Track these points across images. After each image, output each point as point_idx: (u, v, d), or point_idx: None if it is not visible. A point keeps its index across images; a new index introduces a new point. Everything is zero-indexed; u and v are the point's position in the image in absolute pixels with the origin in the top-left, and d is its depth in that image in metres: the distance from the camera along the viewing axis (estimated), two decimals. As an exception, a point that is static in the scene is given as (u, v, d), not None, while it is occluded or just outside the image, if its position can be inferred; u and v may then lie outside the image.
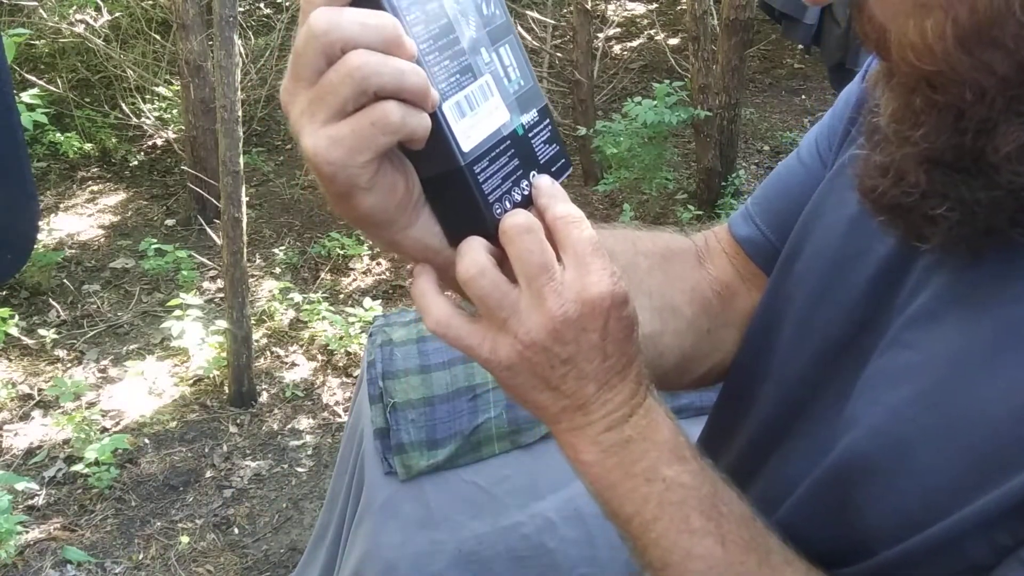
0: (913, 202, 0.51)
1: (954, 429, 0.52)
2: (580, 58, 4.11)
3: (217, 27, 2.56)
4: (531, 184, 0.54)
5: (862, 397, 0.59)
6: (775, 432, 0.68)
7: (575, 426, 0.55)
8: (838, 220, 0.67)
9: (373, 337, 1.75)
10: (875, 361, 0.59)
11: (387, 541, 1.58)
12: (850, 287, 0.63)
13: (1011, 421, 0.49)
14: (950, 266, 0.56)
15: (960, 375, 0.53)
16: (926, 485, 0.52)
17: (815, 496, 0.61)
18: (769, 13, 3.97)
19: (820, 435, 0.62)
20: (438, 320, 0.53)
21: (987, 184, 0.48)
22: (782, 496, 0.64)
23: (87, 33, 4.15)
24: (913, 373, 0.55)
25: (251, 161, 4.43)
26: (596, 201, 4.13)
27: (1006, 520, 0.49)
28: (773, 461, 0.68)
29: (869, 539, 0.56)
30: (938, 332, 0.55)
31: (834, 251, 0.66)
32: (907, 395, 0.55)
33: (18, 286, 3.48)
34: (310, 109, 0.46)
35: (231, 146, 2.62)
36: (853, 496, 0.57)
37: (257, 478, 2.62)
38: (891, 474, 0.54)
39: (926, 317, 0.57)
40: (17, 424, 2.82)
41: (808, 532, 0.60)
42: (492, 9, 0.54)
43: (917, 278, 0.59)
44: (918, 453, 0.53)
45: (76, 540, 2.39)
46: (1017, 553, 0.49)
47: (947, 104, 0.47)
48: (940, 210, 0.50)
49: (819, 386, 0.65)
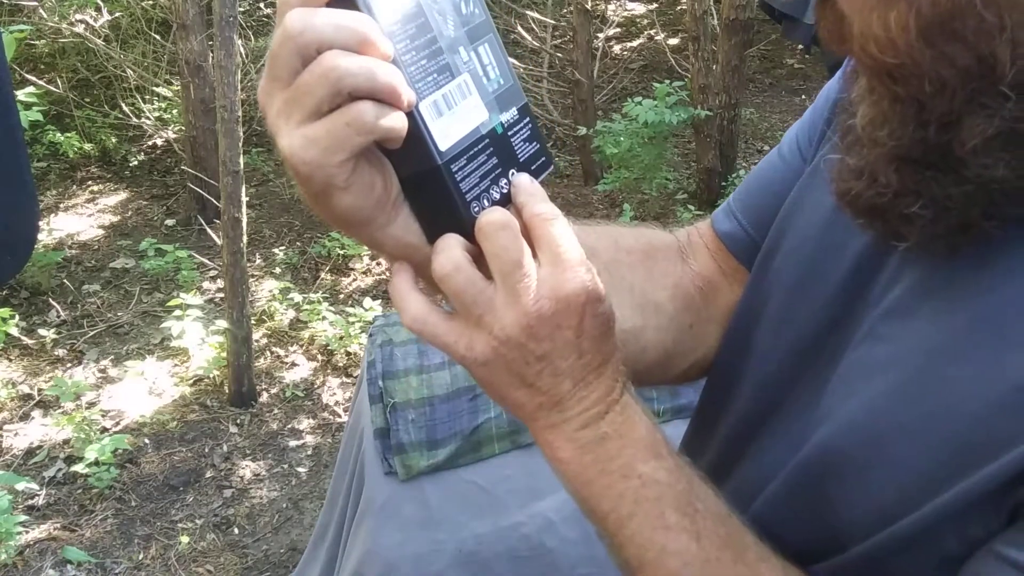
0: (887, 202, 0.52)
1: (928, 422, 0.52)
2: (580, 58, 4.11)
3: (217, 27, 2.56)
4: (510, 182, 0.55)
5: (836, 391, 0.59)
6: (752, 427, 0.69)
7: (551, 423, 0.55)
8: (815, 216, 0.68)
9: (373, 337, 1.75)
10: (849, 355, 0.60)
11: (387, 541, 1.58)
12: (825, 283, 0.64)
13: (985, 413, 0.50)
14: (924, 260, 0.56)
15: (934, 368, 0.53)
16: (900, 477, 0.53)
17: (789, 490, 0.61)
18: (769, 13, 3.97)
19: (794, 429, 0.63)
20: (414, 317, 0.53)
21: (957, 179, 0.49)
22: (757, 490, 0.64)
23: (87, 33, 4.15)
24: (888, 366, 0.56)
25: (251, 161, 4.43)
26: (596, 201, 4.13)
27: (978, 511, 0.49)
28: (749, 455, 0.69)
29: (841, 534, 0.56)
30: (912, 325, 0.56)
31: (811, 247, 0.67)
32: (882, 388, 0.55)
33: (18, 286, 3.48)
34: (286, 109, 0.47)
35: (231, 146, 2.62)
36: (826, 489, 0.57)
37: (257, 478, 2.62)
38: (865, 466, 0.55)
39: (901, 311, 0.57)
40: (17, 424, 2.82)
41: (782, 527, 0.60)
42: (471, 8, 0.54)
43: (891, 272, 0.59)
44: (892, 446, 0.53)
45: (76, 540, 2.39)
46: (990, 546, 0.49)
47: (908, 97, 0.48)
48: (914, 208, 0.51)
49: (794, 381, 0.65)
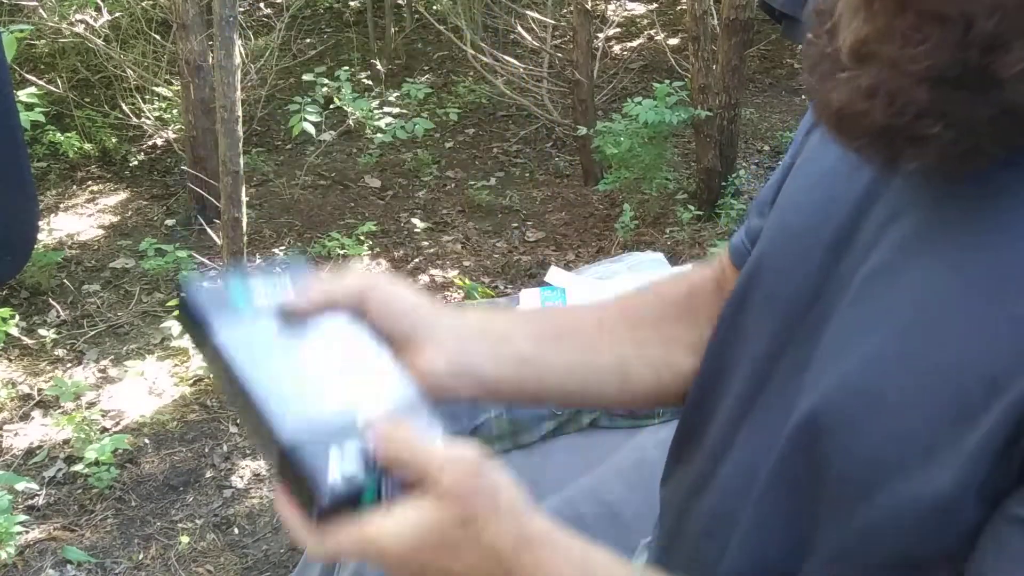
0: (905, 123, 0.51)
1: (922, 376, 0.53)
2: (580, 58, 4.11)
3: (217, 27, 2.56)
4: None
5: (829, 351, 0.60)
6: (744, 408, 0.69)
7: None
8: (797, 195, 0.69)
9: (373, 337, 1.75)
10: (839, 316, 0.60)
11: (387, 541, 1.58)
12: (810, 251, 0.65)
13: (980, 359, 0.50)
14: (901, 221, 0.57)
15: (925, 322, 0.54)
16: (896, 431, 0.53)
17: (785, 461, 0.61)
18: (769, 13, 3.96)
19: (787, 397, 0.63)
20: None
21: (989, 102, 0.48)
22: (754, 469, 0.65)
23: (87, 33, 4.15)
24: (878, 325, 0.56)
25: (251, 161, 4.43)
26: (596, 201, 4.13)
27: (987, 466, 0.49)
28: (743, 435, 0.69)
29: (843, 498, 0.57)
30: (899, 283, 0.56)
31: (795, 225, 0.68)
32: (875, 343, 0.56)
33: (18, 286, 3.48)
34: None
35: (231, 146, 2.62)
36: (821, 447, 0.57)
37: (257, 478, 2.62)
38: (859, 423, 0.55)
39: (884, 271, 0.58)
40: (17, 424, 2.82)
41: (780, 511, 0.61)
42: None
43: (869, 237, 0.60)
44: (887, 398, 0.54)
45: (76, 540, 2.39)
46: (1005, 510, 0.50)
47: (957, 15, 0.46)
48: (935, 129, 0.50)
49: (783, 353, 0.66)
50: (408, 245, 3.89)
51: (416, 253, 3.83)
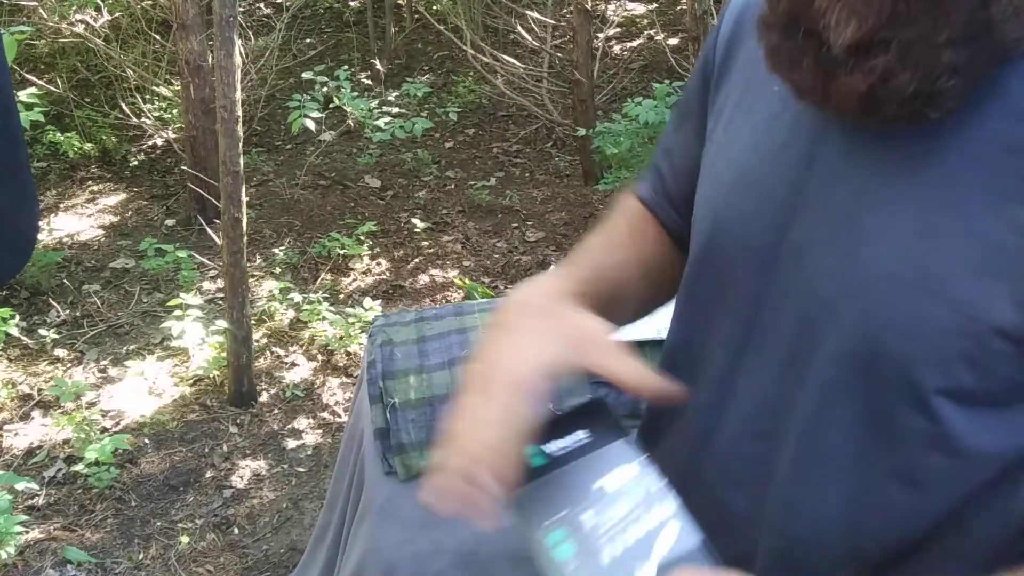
0: (929, 87, 0.56)
1: (954, 237, 0.58)
2: (580, 58, 4.11)
3: (217, 27, 2.56)
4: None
5: (836, 269, 0.63)
6: (739, 353, 0.71)
7: None
8: (744, 153, 0.73)
9: (373, 337, 1.75)
10: (817, 234, 0.65)
11: (387, 541, 1.58)
12: (772, 198, 0.69)
13: (998, 223, 0.57)
14: (855, 159, 0.63)
15: (932, 210, 0.59)
16: (948, 296, 0.58)
17: (836, 387, 0.64)
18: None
19: (780, 332, 0.68)
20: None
21: (983, 46, 0.55)
22: (772, 411, 0.68)
23: (87, 33, 4.15)
24: (892, 220, 0.61)
25: (251, 161, 4.43)
26: (596, 201, 4.13)
27: None
28: (742, 383, 0.71)
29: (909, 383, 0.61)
30: (887, 195, 0.62)
31: (753, 174, 0.72)
32: (899, 234, 0.60)
33: (18, 286, 3.48)
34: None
35: (231, 146, 2.62)
36: (883, 311, 0.61)
37: (257, 478, 2.62)
38: (918, 300, 0.59)
39: (865, 190, 0.63)
40: (17, 424, 2.82)
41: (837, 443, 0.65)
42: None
43: (827, 178, 0.65)
44: (933, 272, 0.59)
45: (76, 540, 2.39)
46: None
47: None
48: (951, 83, 0.56)
49: (767, 293, 0.69)
50: (408, 245, 3.89)
51: (416, 253, 3.83)
